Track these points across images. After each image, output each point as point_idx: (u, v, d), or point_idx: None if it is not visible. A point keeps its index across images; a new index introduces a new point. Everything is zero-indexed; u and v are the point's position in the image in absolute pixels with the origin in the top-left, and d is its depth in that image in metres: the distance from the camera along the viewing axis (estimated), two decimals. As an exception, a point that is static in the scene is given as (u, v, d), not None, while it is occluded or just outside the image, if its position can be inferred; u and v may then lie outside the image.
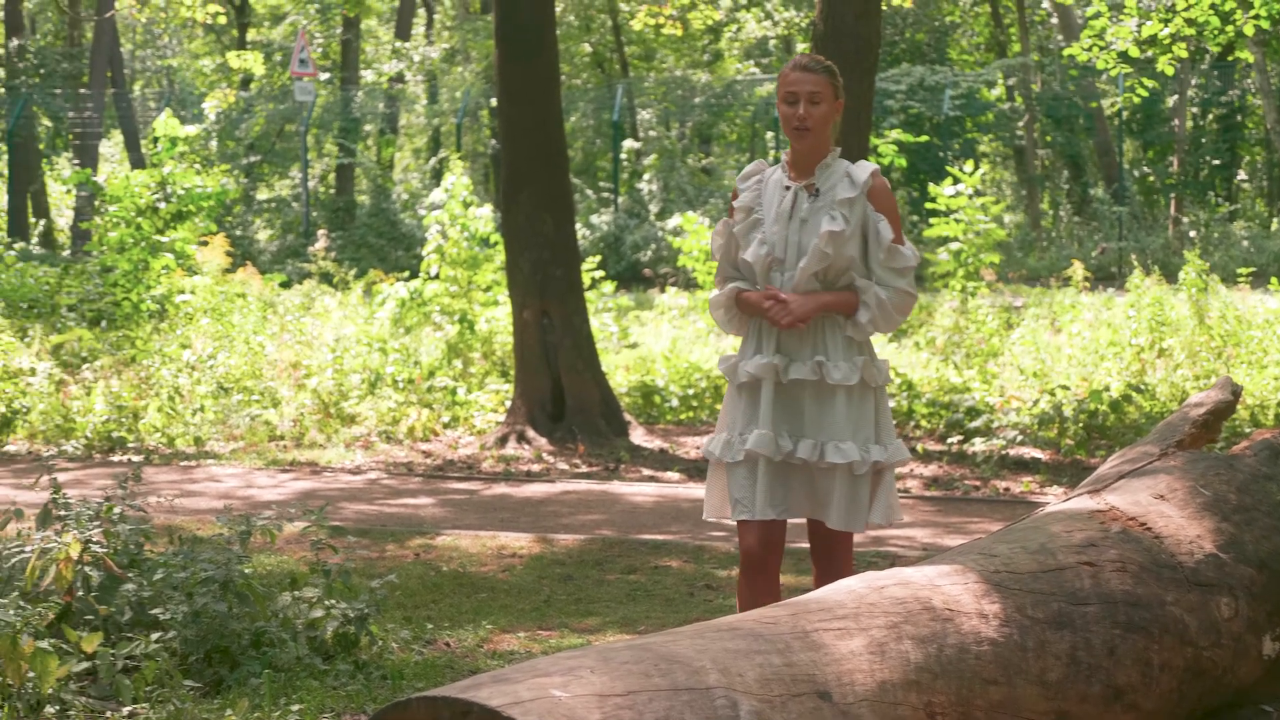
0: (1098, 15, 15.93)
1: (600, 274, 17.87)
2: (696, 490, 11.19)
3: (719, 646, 3.75)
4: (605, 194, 33.20)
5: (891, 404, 13.29)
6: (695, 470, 11.84)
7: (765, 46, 39.97)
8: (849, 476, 5.37)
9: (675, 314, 18.75)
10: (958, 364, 15.18)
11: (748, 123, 35.82)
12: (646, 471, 11.87)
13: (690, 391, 14.47)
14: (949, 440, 12.54)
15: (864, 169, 5.47)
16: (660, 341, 16.74)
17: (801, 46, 36.48)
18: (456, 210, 16.25)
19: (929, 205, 18.12)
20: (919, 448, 12.49)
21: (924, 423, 13.39)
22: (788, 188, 5.52)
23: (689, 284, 21.45)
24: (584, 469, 11.99)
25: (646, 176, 31.51)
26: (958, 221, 17.34)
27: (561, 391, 12.94)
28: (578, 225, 18.59)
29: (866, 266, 5.46)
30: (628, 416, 13.24)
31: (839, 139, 5.64)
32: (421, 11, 44.11)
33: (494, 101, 16.00)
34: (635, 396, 14.41)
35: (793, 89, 5.49)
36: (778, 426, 5.41)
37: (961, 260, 17.25)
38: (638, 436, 12.97)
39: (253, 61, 21.80)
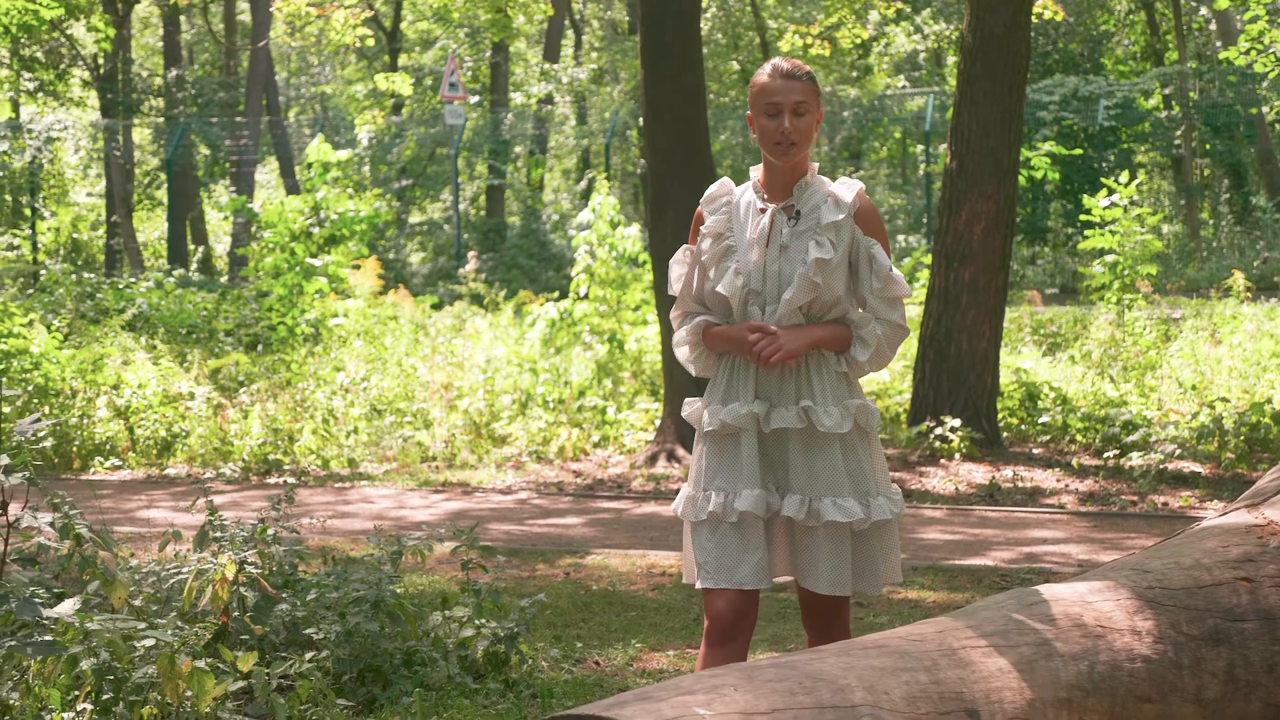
0: (1255, 19, 15.64)
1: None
2: (848, 507, 11.11)
3: (865, 664, 3.71)
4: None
5: (1045, 418, 13.24)
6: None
7: (915, 60, 39.73)
8: (838, 534, 4.72)
9: (825, 330, 18.63)
10: (1114, 377, 14.94)
11: (898, 138, 35.59)
12: (797, 489, 11.79)
13: (841, 408, 14.37)
14: (1105, 455, 12.34)
15: (849, 188, 4.84)
16: (811, 358, 16.63)
17: (951, 60, 36.23)
18: (604, 230, 16.30)
19: (1083, 218, 17.86)
20: (1074, 462, 12.31)
21: (1079, 437, 13.19)
22: (763, 210, 4.87)
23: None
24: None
25: (796, 193, 31.42)
26: (1113, 233, 17.08)
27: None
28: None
29: (853, 297, 4.85)
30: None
31: (815, 154, 5.09)
32: (570, 33, 44.39)
33: (642, 121, 16.03)
34: (786, 414, 14.32)
35: (775, 99, 4.80)
36: (765, 481, 4.78)
37: (1117, 272, 16.97)
38: (788, 454, 12.89)
39: (400, 83, 21.99)
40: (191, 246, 35.56)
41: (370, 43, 21.59)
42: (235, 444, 13.32)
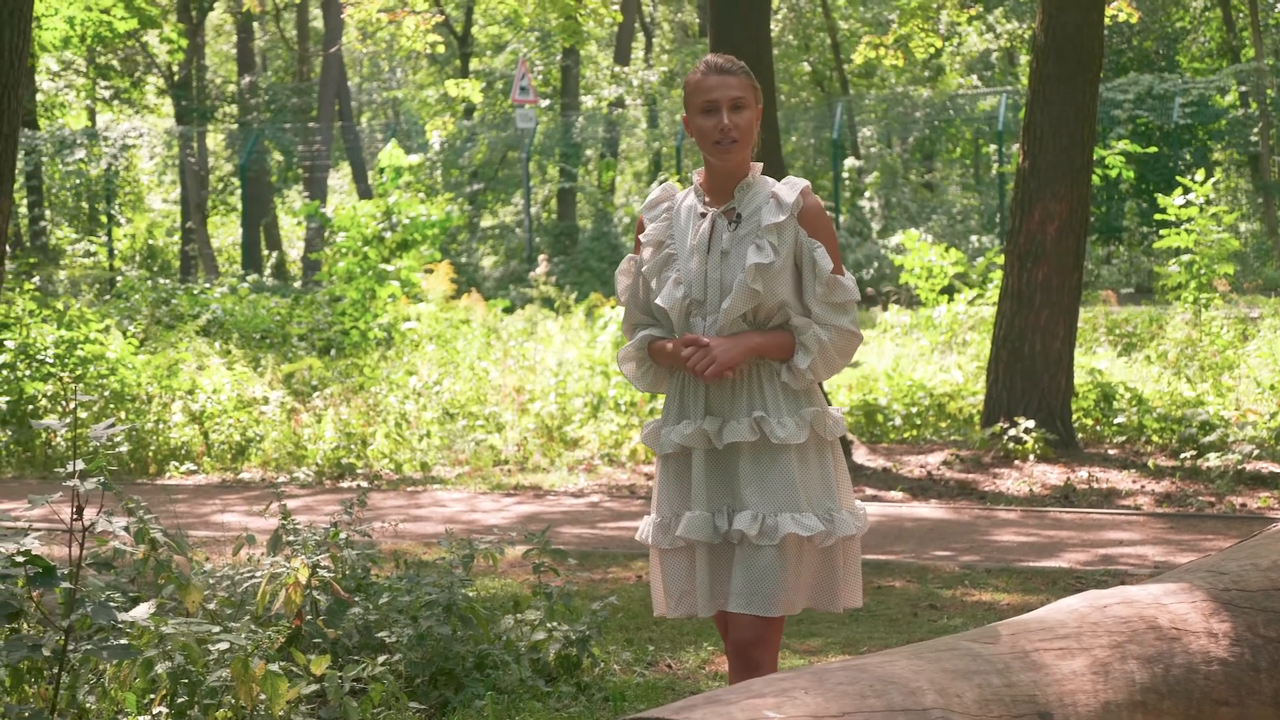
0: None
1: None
2: (920, 509, 11.07)
3: (936, 666, 3.68)
4: (826, 213, 33.08)
5: (1121, 419, 13.13)
6: (919, 489, 11.71)
7: (987, 60, 39.53)
8: (784, 552, 4.40)
9: (898, 331, 18.58)
10: (1190, 377, 14.81)
11: (970, 138, 35.42)
12: (869, 490, 11.76)
13: (914, 410, 14.32)
14: (1181, 456, 12.23)
15: (792, 187, 4.55)
16: (883, 360, 16.59)
17: (1024, 59, 36.01)
18: (675, 232, 16.27)
19: (1159, 216, 17.72)
20: (1150, 463, 12.21)
21: (1155, 438, 13.08)
22: (703, 215, 4.59)
23: (912, 301, 21.26)
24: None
25: (868, 194, 31.32)
26: (1189, 232, 16.93)
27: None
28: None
29: (800, 303, 4.56)
30: (850, 435, 13.14)
31: (759, 153, 4.69)
32: (640, 36, 44.43)
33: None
34: (858, 415, 14.29)
35: (711, 96, 4.52)
36: (714, 503, 4.47)
37: (1194, 272, 16.82)
38: (860, 455, 12.86)
39: (471, 89, 22.08)
40: (265, 252, 35.82)
41: (441, 49, 21.70)
42: (309, 448, 13.40)
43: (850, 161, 32.51)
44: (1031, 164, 13.01)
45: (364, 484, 12.61)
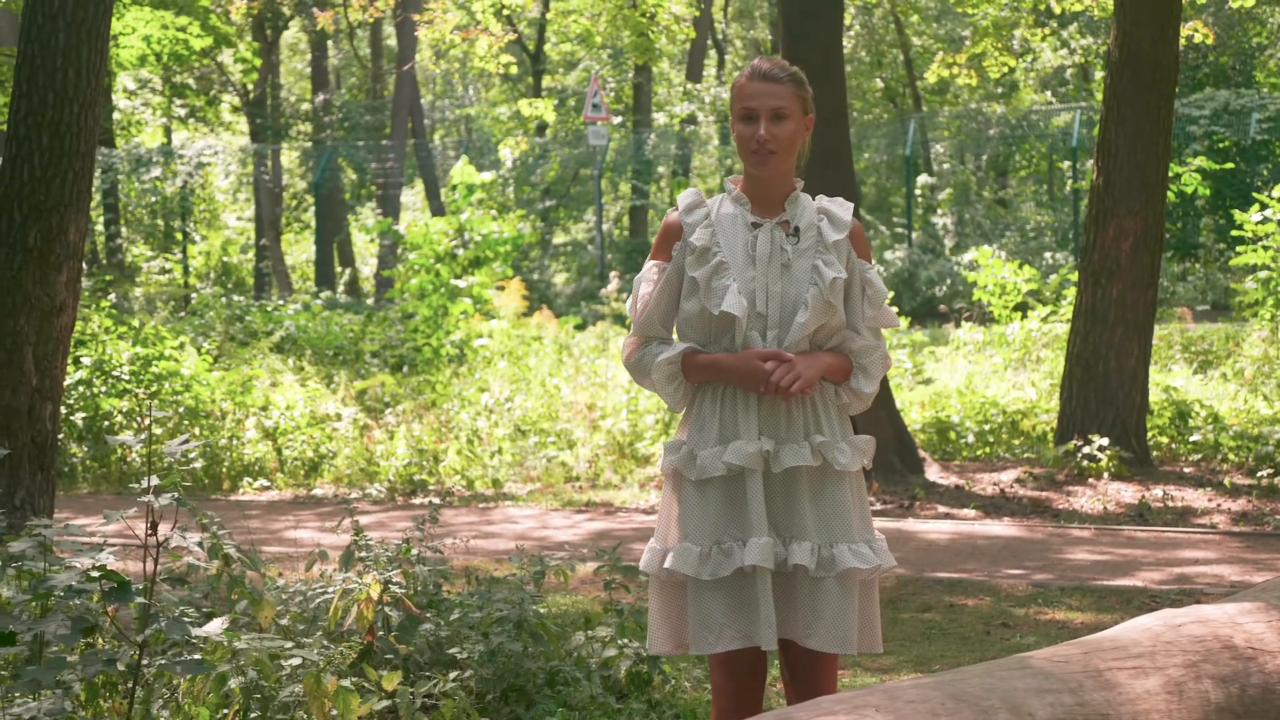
0: None
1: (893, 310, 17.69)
2: (993, 527, 11.00)
3: (1008, 685, 3.66)
4: (899, 229, 32.98)
5: (1196, 437, 13.02)
6: (991, 507, 11.64)
7: (1062, 76, 39.31)
8: (848, 585, 4.27)
9: (970, 349, 18.49)
10: (1268, 395, 14.66)
11: (1044, 154, 35.22)
12: (942, 508, 11.70)
13: (986, 427, 14.24)
14: (1258, 474, 12.10)
15: (843, 206, 4.42)
16: (955, 377, 16.51)
17: (1099, 75, 35.82)
18: (747, 249, 16.26)
19: (1235, 233, 17.56)
20: (1226, 482, 12.09)
21: (1232, 456, 12.96)
22: (756, 225, 4.37)
23: (984, 318, 21.14)
24: (878, 506, 11.88)
25: (940, 211, 31.21)
26: (1266, 249, 16.77)
27: (855, 428, 12.82)
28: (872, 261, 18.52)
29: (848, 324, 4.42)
30: (922, 453, 13.08)
31: (804, 167, 4.46)
32: (713, 53, 44.46)
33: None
34: (930, 433, 14.23)
35: (750, 104, 4.34)
36: (774, 529, 4.27)
37: (1271, 288, 16.66)
38: (933, 473, 12.80)
39: (544, 109, 22.16)
40: (338, 269, 36.05)
41: (514, 69, 21.79)
42: (381, 464, 13.45)
43: (923, 178, 32.42)
44: (1106, 180, 12.93)
45: (436, 500, 12.64)
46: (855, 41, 37.51)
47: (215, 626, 5.30)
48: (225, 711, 5.67)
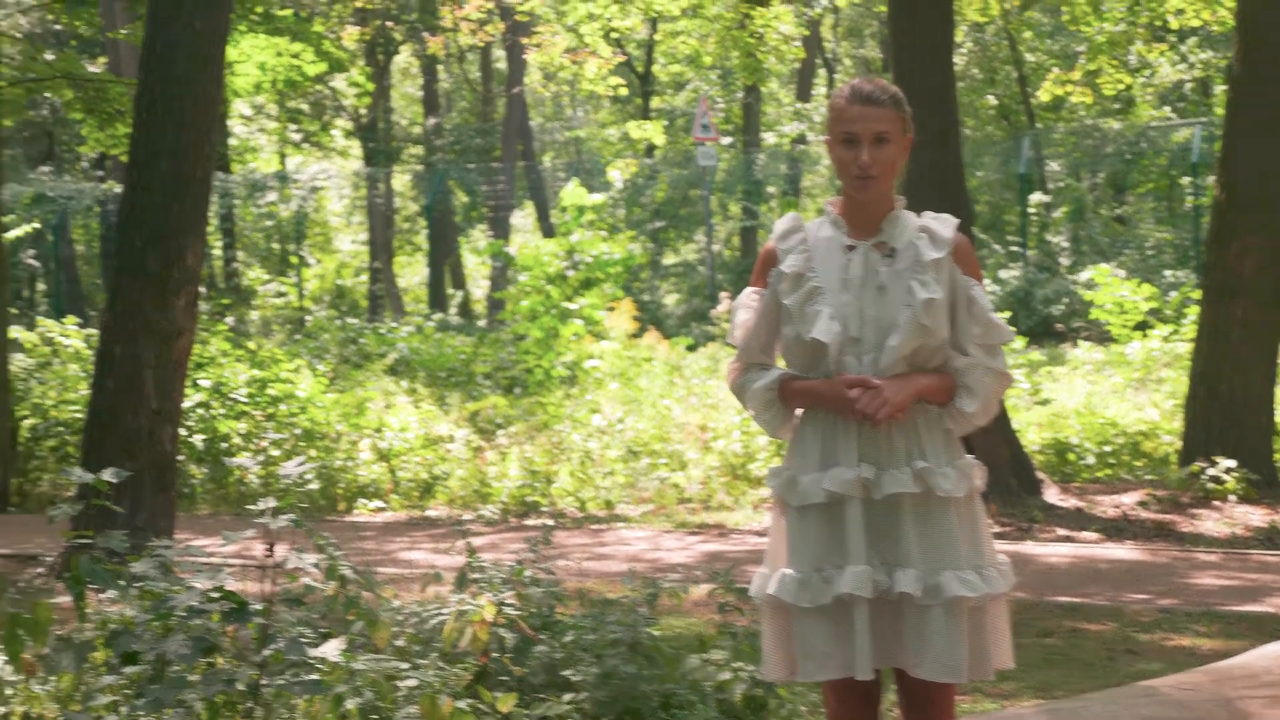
0: None
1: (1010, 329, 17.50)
2: (1115, 551, 10.82)
3: (1134, 713, 3.56)
4: (1014, 248, 32.67)
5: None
6: (1113, 530, 11.46)
7: (1181, 90, 38.82)
8: (957, 613, 4.15)
9: (1089, 369, 18.24)
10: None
11: (1164, 170, 34.76)
12: (1061, 531, 11.53)
13: (1107, 449, 14.02)
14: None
15: (946, 223, 4.28)
16: (1074, 397, 16.28)
17: (1219, 89, 35.33)
18: (859, 269, 16.14)
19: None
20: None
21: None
22: (851, 247, 4.29)
23: (1103, 338, 20.88)
24: (995, 529, 11.73)
25: (1056, 229, 30.88)
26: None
27: (971, 449, 12.67)
28: (985, 280, 18.37)
29: (953, 343, 4.29)
30: (1041, 475, 12.90)
31: (904, 186, 4.27)
32: (822, 72, 44.35)
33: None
34: (1049, 454, 14.03)
35: (852, 128, 4.22)
36: (873, 557, 4.18)
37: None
38: (1051, 495, 12.62)
39: (653, 132, 22.18)
40: (451, 291, 36.25)
41: (623, 91, 21.83)
42: (494, 486, 13.46)
43: (1037, 196, 32.08)
44: (1228, 196, 12.72)
45: (548, 522, 12.60)
46: (967, 59, 37.24)
47: (332, 647, 5.29)
48: (341, 734, 5.66)
